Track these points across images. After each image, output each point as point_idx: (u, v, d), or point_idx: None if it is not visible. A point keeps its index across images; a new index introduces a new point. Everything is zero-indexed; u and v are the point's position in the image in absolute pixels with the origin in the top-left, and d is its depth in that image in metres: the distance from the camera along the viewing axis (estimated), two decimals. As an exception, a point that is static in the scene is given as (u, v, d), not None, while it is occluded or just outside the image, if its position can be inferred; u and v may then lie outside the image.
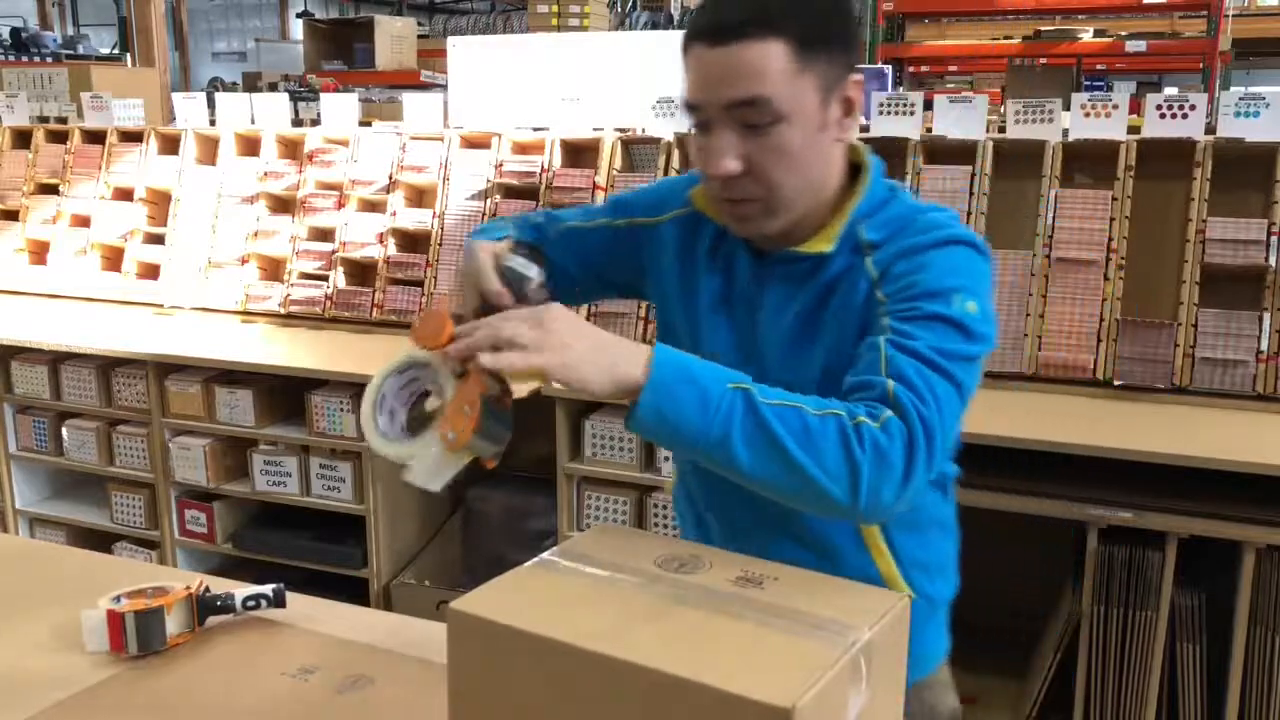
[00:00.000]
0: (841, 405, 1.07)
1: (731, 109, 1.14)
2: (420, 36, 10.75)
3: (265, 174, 3.44)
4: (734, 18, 1.13)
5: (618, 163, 3.09)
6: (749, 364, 1.25)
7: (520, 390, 1.12)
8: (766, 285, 1.28)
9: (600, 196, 2.98)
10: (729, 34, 1.12)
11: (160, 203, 3.60)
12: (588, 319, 1.87)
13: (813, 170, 1.20)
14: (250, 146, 3.53)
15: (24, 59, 9.12)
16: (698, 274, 1.33)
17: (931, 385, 1.08)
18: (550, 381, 1.07)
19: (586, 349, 1.05)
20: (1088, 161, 2.69)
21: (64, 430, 3.23)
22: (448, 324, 1.07)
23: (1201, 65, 7.70)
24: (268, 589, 1.34)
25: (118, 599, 1.26)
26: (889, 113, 2.84)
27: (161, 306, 3.49)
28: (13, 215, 3.79)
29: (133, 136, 3.67)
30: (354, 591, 2.91)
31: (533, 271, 1.16)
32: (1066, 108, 2.76)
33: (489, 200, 3.18)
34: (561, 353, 1.04)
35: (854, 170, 1.27)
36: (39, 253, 3.73)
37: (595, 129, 3.15)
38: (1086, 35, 8.24)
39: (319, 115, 3.63)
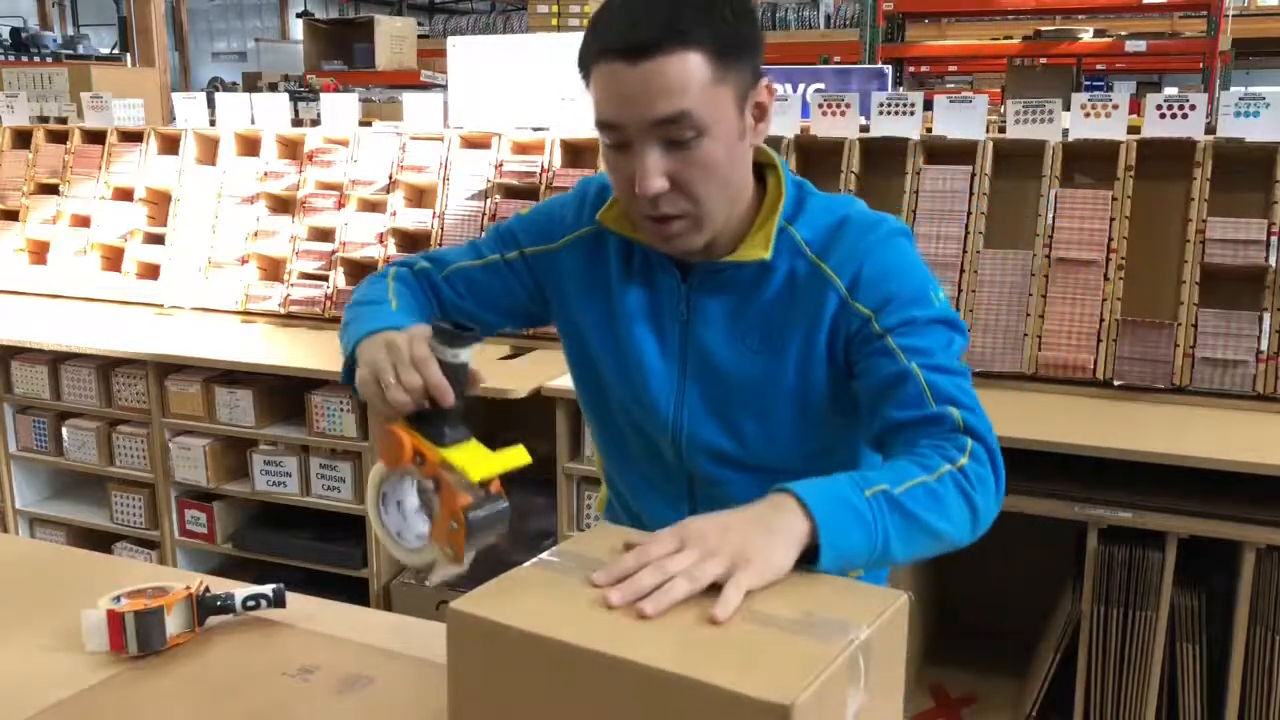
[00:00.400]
0: (937, 455, 1.10)
1: (655, 127, 1.11)
2: (420, 36, 10.75)
3: (265, 174, 3.43)
4: (649, 33, 1.08)
5: (618, 163, 3.08)
6: (685, 377, 1.27)
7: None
8: (701, 296, 1.26)
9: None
10: (646, 50, 1.08)
11: (160, 203, 3.60)
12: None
13: (734, 179, 1.19)
14: (250, 146, 3.53)
15: (24, 59, 9.12)
16: (612, 292, 1.30)
17: (968, 391, 1.16)
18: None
19: (756, 539, 0.96)
20: (1088, 161, 2.69)
21: (64, 430, 3.23)
22: (405, 441, 1.03)
23: (1201, 65, 7.70)
24: (268, 589, 1.33)
25: (118, 599, 1.26)
26: (889, 113, 2.83)
27: (161, 306, 3.49)
28: (13, 215, 3.79)
29: (133, 136, 3.67)
30: (354, 591, 2.91)
31: (465, 357, 1.07)
32: (1066, 108, 2.76)
33: (489, 200, 3.18)
34: (755, 565, 0.94)
35: (757, 169, 1.26)
36: (39, 253, 3.73)
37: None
38: (1086, 35, 8.24)
39: (319, 115, 3.63)
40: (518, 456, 1.03)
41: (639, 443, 1.35)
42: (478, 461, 1.01)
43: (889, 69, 6.44)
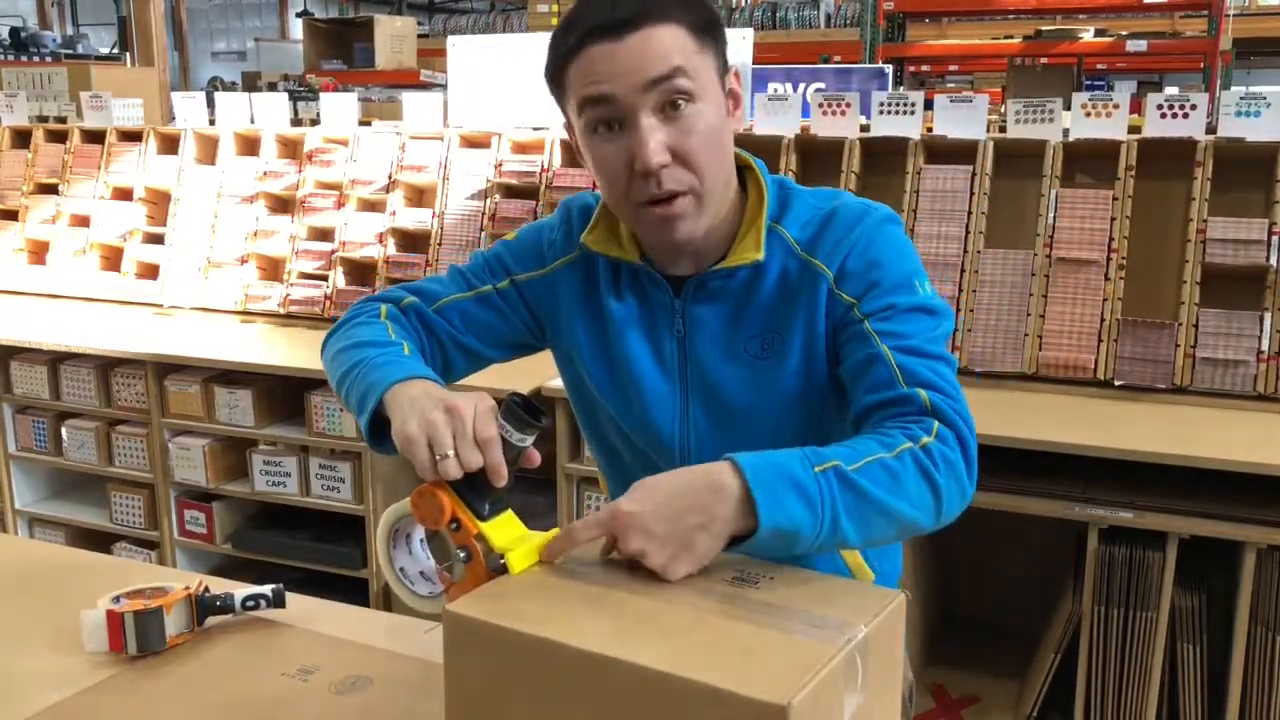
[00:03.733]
0: (900, 433, 1.07)
1: (650, 89, 1.11)
2: (420, 36, 10.75)
3: (265, 174, 3.43)
4: (632, 6, 1.11)
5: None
6: (687, 395, 1.24)
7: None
8: (695, 308, 1.23)
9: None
10: (631, 24, 1.10)
11: (159, 202, 3.59)
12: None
13: (726, 158, 1.19)
14: (250, 146, 3.52)
15: (23, 58, 9.12)
16: (604, 314, 1.28)
17: (943, 375, 1.13)
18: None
19: (678, 518, 0.97)
20: (1088, 161, 2.69)
21: (63, 430, 3.22)
22: (446, 505, 1.02)
23: (1202, 65, 7.70)
24: (267, 589, 1.33)
25: (117, 599, 1.26)
26: (889, 112, 2.83)
27: (161, 306, 3.49)
28: (12, 215, 3.79)
29: (132, 136, 3.67)
30: (354, 591, 2.90)
31: (528, 442, 1.05)
32: (1067, 107, 2.76)
33: (489, 200, 3.18)
34: (679, 552, 0.96)
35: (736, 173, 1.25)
36: (38, 253, 3.73)
37: (595, 128, 3.15)
38: (1087, 35, 8.24)
39: (318, 115, 3.63)
40: None
41: (645, 472, 1.29)
42: (518, 550, 0.99)
43: (889, 68, 6.45)
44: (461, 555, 1.01)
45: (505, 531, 1.01)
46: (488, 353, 1.36)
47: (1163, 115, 2.62)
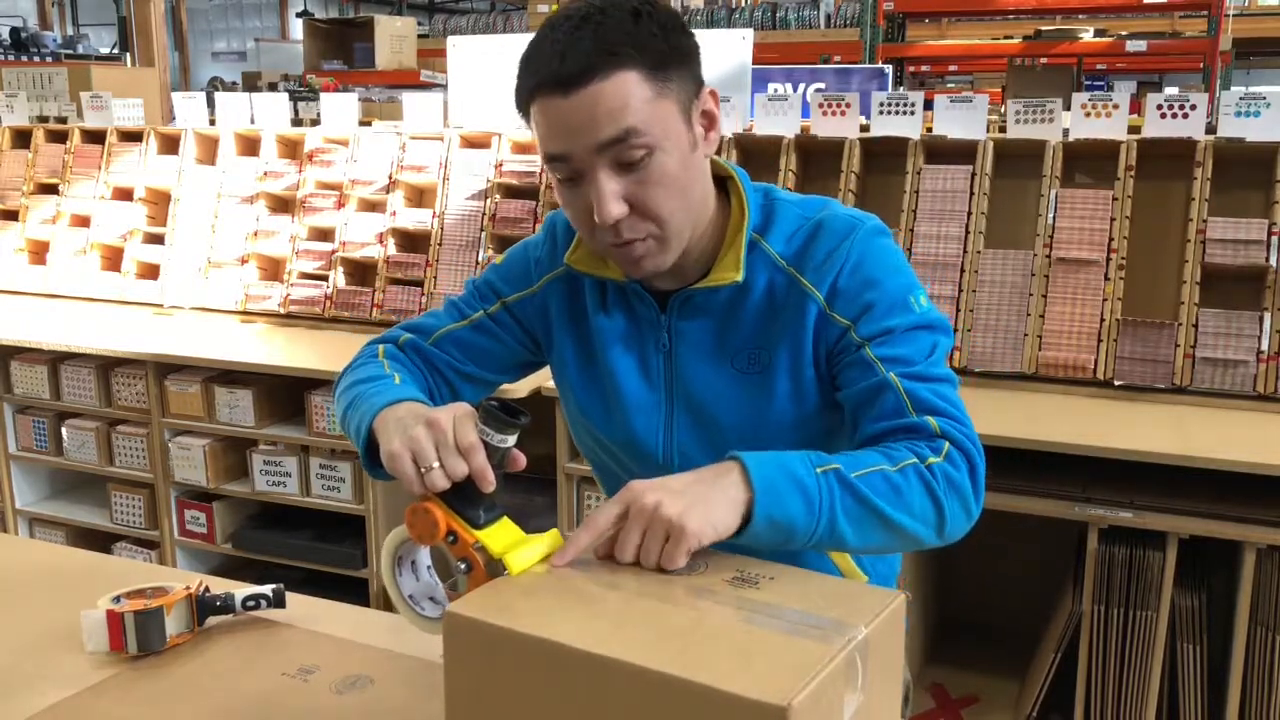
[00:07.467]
0: (907, 450, 1.09)
1: (603, 150, 1.09)
2: (420, 36, 10.76)
3: (265, 174, 3.43)
4: (579, 61, 1.07)
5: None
6: (673, 409, 1.25)
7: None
8: (681, 324, 1.24)
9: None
10: (580, 78, 1.07)
11: (160, 202, 3.60)
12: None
13: (694, 193, 1.16)
14: (250, 146, 3.53)
15: (24, 59, 9.12)
16: (590, 329, 1.29)
17: (948, 398, 1.14)
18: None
19: (693, 482, 1.01)
20: (1088, 161, 2.69)
21: (64, 430, 3.23)
22: (439, 519, 1.02)
23: (1202, 65, 7.70)
24: (267, 589, 1.34)
25: (117, 599, 1.27)
26: (889, 112, 2.83)
27: (161, 306, 3.49)
28: (12, 215, 3.79)
29: (132, 136, 3.67)
30: (354, 591, 2.91)
31: (510, 442, 1.05)
32: (1067, 107, 2.76)
33: (489, 200, 3.18)
34: (694, 504, 0.98)
35: (717, 182, 1.24)
36: (39, 253, 3.73)
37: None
38: (1087, 35, 8.24)
39: (319, 115, 3.63)
40: (552, 542, 1.02)
41: None
42: (515, 552, 0.99)
43: (889, 69, 6.45)
44: (462, 567, 1.01)
45: (502, 537, 1.01)
46: (492, 377, 1.38)
47: (1162, 115, 2.62)
